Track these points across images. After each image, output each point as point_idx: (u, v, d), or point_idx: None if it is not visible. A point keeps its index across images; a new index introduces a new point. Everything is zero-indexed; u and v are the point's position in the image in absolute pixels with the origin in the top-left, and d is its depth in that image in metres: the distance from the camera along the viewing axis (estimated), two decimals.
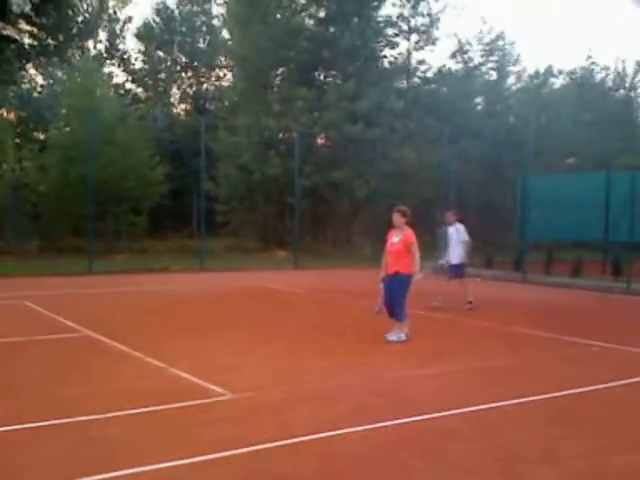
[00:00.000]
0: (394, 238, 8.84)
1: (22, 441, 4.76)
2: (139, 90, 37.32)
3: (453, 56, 32.27)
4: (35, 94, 32.78)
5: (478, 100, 33.27)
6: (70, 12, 36.71)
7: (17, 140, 25.35)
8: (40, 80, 34.51)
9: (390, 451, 4.66)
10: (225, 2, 34.01)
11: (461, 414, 5.56)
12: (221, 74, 37.53)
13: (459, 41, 32.11)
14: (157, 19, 37.11)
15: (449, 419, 5.43)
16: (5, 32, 34.59)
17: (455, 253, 12.05)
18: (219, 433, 4.96)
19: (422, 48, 30.21)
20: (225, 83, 36.55)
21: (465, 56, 32.33)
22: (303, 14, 29.22)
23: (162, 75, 37.50)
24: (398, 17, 29.54)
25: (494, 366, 7.52)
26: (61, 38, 36.52)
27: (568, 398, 6.18)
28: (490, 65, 32.76)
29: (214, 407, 5.66)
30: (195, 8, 37.20)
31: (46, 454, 4.46)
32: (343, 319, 11.09)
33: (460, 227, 12.19)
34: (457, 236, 12.09)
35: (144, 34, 36.84)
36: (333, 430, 5.02)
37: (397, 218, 8.83)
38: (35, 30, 36.39)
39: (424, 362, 7.65)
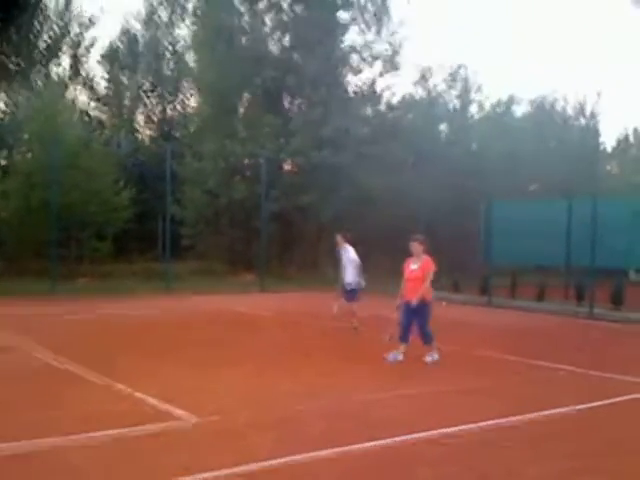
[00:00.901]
0: (412, 265, 9.01)
1: None
2: (103, 116, 37.02)
3: (416, 84, 32.82)
4: None
5: (442, 127, 33.79)
6: (32, 36, 36.47)
7: None
8: (1, 105, 34.06)
9: (359, 476, 4.62)
10: (190, 27, 34.08)
11: (430, 437, 5.54)
12: (186, 100, 37.48)
13: (422, 69, 32.69)
14: (121, 43, 37.00)
15: (418, 442, 5.41)
16: None
17: (349, 275, 12.12)
18: (181, 458, 4.84)
19: (385, 75, 30.58)
20: (190, 109, 36.49)
21: (428, 84, 32.90)
22: (268, 41, 29.41)
23: (126, 100, 37.28)
24: (362, 45, 29.92)
25: (462, 389, 7.53)
26: (22, 63, 36.21)
27: (535, 421, 6.21)
28: (453, 93, 33.39)
29: (178, 431, 5.56)
30: (160, 33, 37.19)
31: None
32: (310, 341, 11.06)
33: (349, 249, 12.28)
34: (346, 258, 12.18)
35: (108, 58, 36.66)
36: (299, 454, 4.95)
37: (415, 247, 9.04)
38: None
39: (392, 384, 7.64)
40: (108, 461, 4.84)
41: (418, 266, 8.95)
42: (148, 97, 36.98)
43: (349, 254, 12.20)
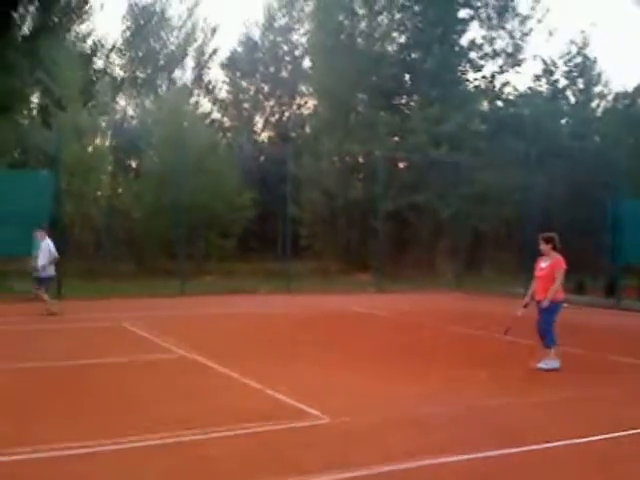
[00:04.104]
0: (542, 264, 8.87)
1: (124, 460, 4.90)
2: (225, 119, 38.50)
3: (538, 78, 31.75)
4: (126, 124, 34.39)
5: (563, 121, 32.54)
6: (158, 45, 38.47)
7: (111, 168, 26.54)
8: (130, 111, 36.20)
9: None
10: (308, 32, 34.76)
11: (564, 446, 5.42)
12: (303, 102, 38.26)
13: (545, 63, 31.58)
14: (241, 49, 38.28)
15: (551, 451, 5.31)
16: (97, 65, 36.57)
17: (43, 264, 13.05)
18: (316, 457, 5.01)
19: (507, 71, 29.91)
20: (306, 111, 37.23)
21: (551, 77, 31.76)
22: (385, 40, 29.50)
23: (246, 105, 38.57)
24: (483, 38, 29.40)
25: (591, 396, 7.31)
26: (149, 70, 38.29)
27: None
28: (576, 86, 32.05)
29: (313, 430, 5.72)
30: (278, 38, 38.17)
31: (154, 473, 4.61)
32: (431, 343, 11.02)
33: (49, 242, 13.22)
34: (45, 249, 13.11)
35: (229, 64, 38.07)
36: (432, 458, 4.99)
37: (543, 246, 8.88)
38: (125, 62, 38.33)
39: (518, 390, 7.52)
40: (245, 454, 5.07)
41: (547, 264, 8.77)
42: (267, 100, 38.05)
43: (49, 247, 13.18)
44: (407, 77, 28.66)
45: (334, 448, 5.25)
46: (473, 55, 29.58)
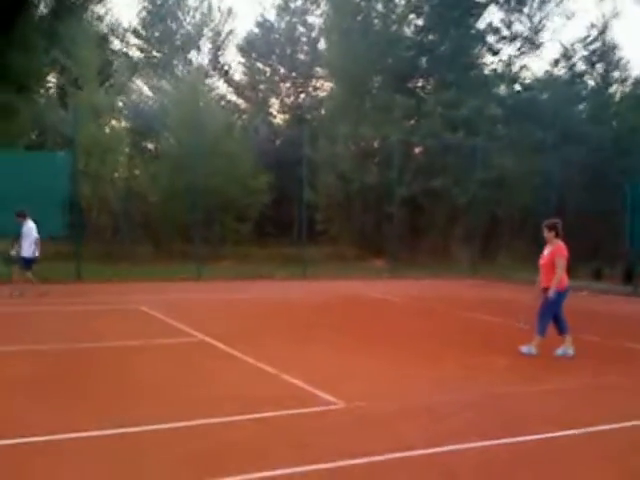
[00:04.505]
0: (545, 251, 8.85)
1: (145, 443, 4.97)
2: (240, 101, 38.43)
3: (556, 63, 31.40)
4: (142, 105, 34.42)
5: (581, 106, 32.21)
6: (175, 25, 38.37)
7: (128, 150, 26.61)
8: (147, 92, 36.20)
9: (509, 470, 4.64)
10: (324, 13, 34.53)
11: (578, 434, 5.45)
12: (319, 84, 38.09)
13: (564, 47, 31.23)
14: (257, 31, 38.11)
15: (565, 439, 5.33)
16: (114, 45, 36.61)
17: (25, 247, 13.32)
18: (332, 442, 5.05)
19: (524, 54, 29.65)
20: (322, 93, 37.09)
21: (569, 62, 31.40)
22: (402, 22, 29.26)
23: (262, 86, 38.45)
24: (501, 22, 29.13)
25: (606, 384, 7.32)
26: (166, 51, 38.25)
27: None
28: (595, 71, 31.68)
29: (327, 416, 5.76)
30: (294, 20, 37.95)
31: (171, 456, 4.66)
32: (446, 329, 11.07)
33: (31, 225, 13.45)
34: (27, 232, 13.37)
35: (245, 46, 37.93)
36: (447, 445, 5.02)
37: (545, 233, 8.82)
38: (142, 43, 38.34)
39: (533, 377, 7.54)
40: (260, 439, 5.11)
41: (548, 252, 8.74)
42: (283, 83, 37.91)
43: (31, 230, 13.41)
44: (423, 60, 28.46)
45: (349, 434, 5.30)
46: (490, 39, 29.32)
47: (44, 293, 13.25)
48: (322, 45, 35.49)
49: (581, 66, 31.69)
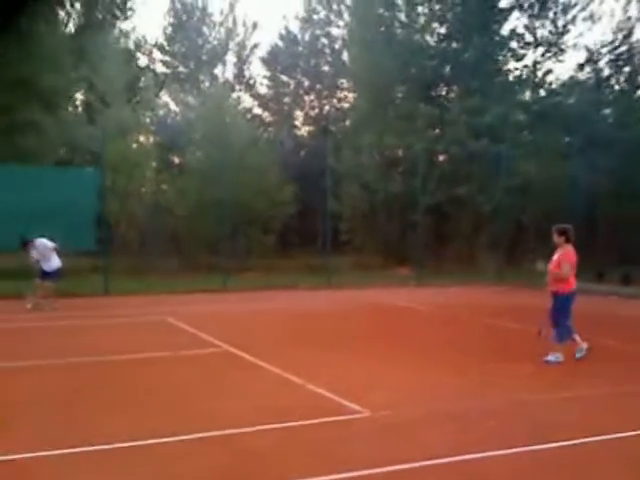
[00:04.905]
0: (554, 256, 8.86)
1: (173, 453, 5.06)
2: (265, 114, 38.78)
3: (581, 67, 31.12)
4: (169, 120, 34.90)
5: (607, 111, 31.87)
6: (200, 40, 38.94)
7: (155, 164, 26.98)
8: (173, 106, 36.72)
9: (532, 477, 4.65)
10: (347, 25, 34.74)
11: (599, 442, 5.44)
12: (342, 95, 38.30)
13: (589, 51, 30.94)
14: (281, 44, 38.47)
15: (586, 447, 5.32)
16: (141, 61, 37.24)
17: (53, 260, 13.52)
18: (359, 451, 5.10)
19: (549, 59, 29.46)
20: (346, 104, 37.26)
21: (595, 66, 31.10)
22: (424, 31, 29.32)
23: (286, 99, 38.76)
24: (525, 28, 28.99)
25: (630, 391, 7.26)
26: (192, 65, 38.81)
27: None
28: (621, 74, 31.33)
29: (353, 425, 5.81)
30: (318, 32, 38.24)
31: (198, 466, 4.75)
32: (472, 337, 11.04)
33: (42, 241, 13.39)
34: (45, 247, 13.43)
35: (269, 59, 38.30)
36: (474, 453, 5.05)
37: (555, 238, 8.85)
38: (168, 58, 38.96)
39: (557, 385, 7.53)
40: (286, 449, 5.19)
41: (557, 256, 8.76)
42: (307, 95, 38.17)
43: (50, 244, 13.49)
44: (447, 68, 28.43)
45: (375, 442, 5.36)
46: (514, 44, 29.19)
47: (55, 308, 13.44)
48: (345, 56, 35.70)
49: (607, 70, 31.38)
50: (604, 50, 31.09)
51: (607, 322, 12.01)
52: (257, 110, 38.73)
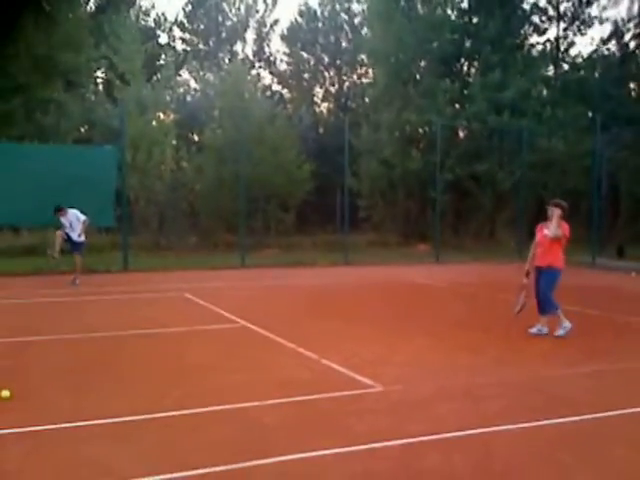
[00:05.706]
0: (546, 230, 8.73)
1: (187, 426, 5.11)
2: (284, 91, 38.63)
3: (606, 41, 30.53)
4: (189, 97, 34.91)
5: (632, 85, 31.31)
6: (220, 17, 38.77)
7: (174, 142, 27.02)
8: (193, 84, 36.71)
9: (547, 451, 4.63)
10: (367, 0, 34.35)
11: (617, 416, 5.43)
12: (362, 71, 37.98)
13: (615, 25, 30.34)
14: (301, 20, 38.19)
15: (605, 420, 5.31)
16: (161, 39, 37.19)
17: (76, 232, 13.73)
18: (370, 424, 5.13)
19: (572, 33, 28.96)
20: (366, 80, 36.95)
21: (621, 40, 30.49)
22: (446, 5, 28.91)
23: (306, 75, 38.54)
24: (547, 1, 28.48)
25: None
26: (211, 43, 38.70)
27: None
28: None
29: (365, 398, 5.84)
30: (337, 7, 37.87)
31: (209, 439, 4.79)
32: (489, 314, 11.00)
33: (75, 212, 13.80)
34: (77, 218, 13.75)
35: (289, 36, 38.05)
36: (486, 427, 5.06)
37: (555, 212, 8.70)
38: (187, 36, 38.86)
39: (577, 360, 7.49)
40: (298, 422, 5.24)
41: (555, 223, 8.65)
42: (327, 71, 37.91)
43: (80, 216, 13.79)
44: (468, 43, 28.05)
45: (385, 416, 5.37)
46: (536, 18, 28.71)
47: (77, 284, 13.61)
48: (365, 32, 35.34)
49: (632, 44, 30.78)
50: (630, 24, 30.50)
51: (627, 298, 11.88)
52: (276, 87, 38.60)
